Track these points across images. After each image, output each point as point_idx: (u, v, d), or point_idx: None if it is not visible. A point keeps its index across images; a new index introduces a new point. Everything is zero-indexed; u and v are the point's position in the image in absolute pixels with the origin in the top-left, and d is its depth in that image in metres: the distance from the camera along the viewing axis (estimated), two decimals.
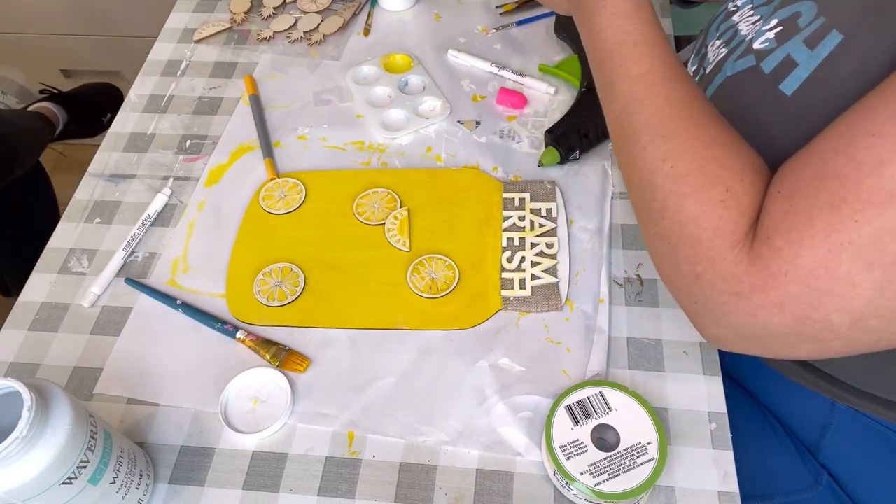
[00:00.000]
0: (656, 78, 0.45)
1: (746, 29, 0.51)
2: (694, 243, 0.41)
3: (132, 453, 0.50)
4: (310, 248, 0.66)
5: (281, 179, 0.71)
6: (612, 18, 0.47)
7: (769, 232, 0.38)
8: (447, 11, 0.88)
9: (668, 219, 0.43)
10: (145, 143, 0.77)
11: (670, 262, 0.44)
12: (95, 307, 0.64)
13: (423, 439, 0.55)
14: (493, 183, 0.70)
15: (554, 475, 0.51)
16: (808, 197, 0.37)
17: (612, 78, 0.47)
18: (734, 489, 0.51)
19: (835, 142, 0.37)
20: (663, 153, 0.43)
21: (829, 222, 0.35)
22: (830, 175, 0.36)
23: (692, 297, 0.42)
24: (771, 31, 0.47)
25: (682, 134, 0.43)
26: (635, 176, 0.46)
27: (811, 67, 0.42)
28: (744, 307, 0.39)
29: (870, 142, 0.35)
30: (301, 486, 0.53)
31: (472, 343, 0.59)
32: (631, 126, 0.45)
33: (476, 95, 0.78)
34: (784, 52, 0.45)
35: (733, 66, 0.49)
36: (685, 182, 0.42)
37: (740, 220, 0.40)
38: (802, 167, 0.38)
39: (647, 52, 0.46)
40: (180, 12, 0.91)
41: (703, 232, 0.41)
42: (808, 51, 0.43)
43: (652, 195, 0.44)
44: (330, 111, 0.78)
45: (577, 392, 0.52)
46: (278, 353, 0.59)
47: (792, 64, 0.44)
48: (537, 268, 0.63)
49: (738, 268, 0.39)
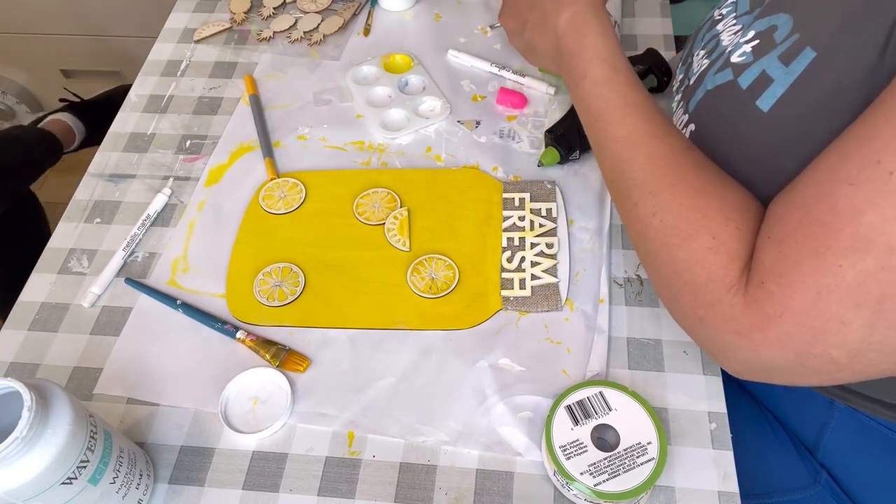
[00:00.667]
0: (638, 137, 0.49)
1: (728, 39, 0.52)
2: (692, 289, 0.44)
3: (132, 453, 0.50)
4: (310, 248, 0.66)
5: (281, 179, 0.71)
6: (593, 87, 0.52)
7: (762, 277, 0.40)
8: (447, 11, 0.88)
9: (664, 269, 0.46)
10: (145, 143, 0.77)
11: (675, 308, 0.47)
12: (95, 307, 0.64)
13: (423, 439, 0.55)
14: (493, 183, 0.70)
15: (554, 475, 0.51)
16: (795, 244, 0.39)
17: (600, 141, 0.51)
18: (734, 489, 0.51)
19: (816, 188, 0.39)
20: (652, 208, 0.46)
21: (815, 268, 0.38)
22: (814, 222, 0.38)
23: (700, 337, 0.45)
24: (748, 45, 0.48)
25: (667, 189, 0.46)
26: (632, 229, 0.49)
27: (786, 84, 0.44)
28: (746, 345, 0.41)
29: (847, 190, 0.37)
30: (301, 486, 0.53)
31: (472, 343, 0.59)
32: (622, 184, 0.49)
33: (476, 95, 0.78)
34: (760, 67, 0.46)
35: (713, 80, 0.51)
36: (674, 234, 0.45)
37: (730, 265, 0.42)
38: (789, 213, 0.40)
39: (629, 114, 0.50)
40: (180, 12, 0.91)
41: (697, 279, 0.43)
42: (783, 67, 0.44)
43: (648, 247, 0.47)
44: (330, 111, 0.78)
45: (577, 392, 0.52)
46: (278, 353, 0.59)
47: (768, 80, 0.45)
48: (537, 268, 0.63)
49: (735, 310, 0.41)
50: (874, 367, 0.39)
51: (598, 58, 0.52)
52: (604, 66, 0.52)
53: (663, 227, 0.45)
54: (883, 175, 0.35)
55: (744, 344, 0.41)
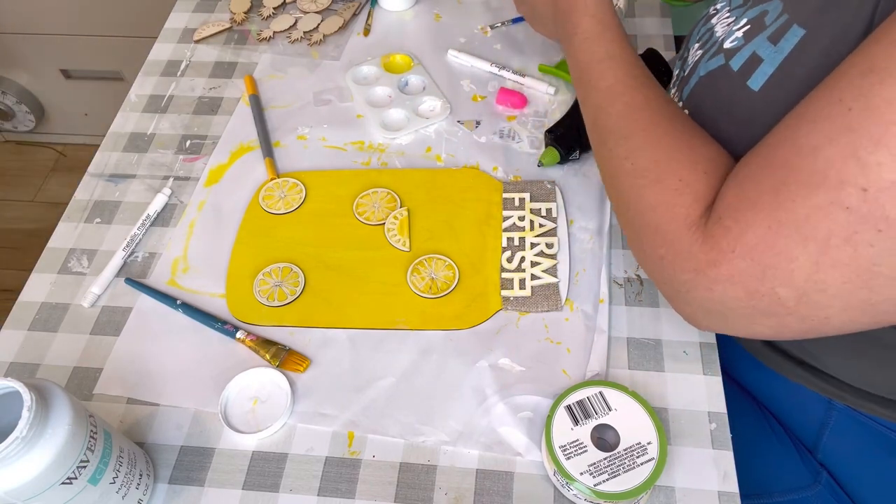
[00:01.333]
0: (618, 88, 0.51)
1: (721, 30, 0.52)
2: (654, 229, 0.45)
3: (132, 453, 0.50)
4: (310, 248, 0.66)
5: (281, 179, 0.71)
6: (581, 42, 0.54)
7: (720, 213, 0.41)
8: (447, 11, 0.88)
9: (631, 210, 0.48)
10: (145, 143, 0.77)
11: (639, 249, 0.48)
12: (95, 307, 0.64)
13: (423, 439, 0.55)
14: (493, 183, 0.70)
15: (554, 475, 0.51)
16: (756, 182, 0.40)
17: (584, 93, 0.54)
18: (734, 489, 0.51)
19: (784, 130, 0.40)
20: (624, 152, 0.48)
21: (771, 203, 0.38)
22: (776, 162, 0.39)
23: (661, 278, 0.46)
24: (740, 31, 0.49)
25: (640, 134, 0.48)
26: (606, 174, 0.51)
27: (776, 63, 0.44)
28: (701, 282, 0.42)
29: (808, 128, 0.38)
30: (301, 486, 0.53)
31: (472, 343, 0.59)
32: (600, 132, 0.52)
33: (476, 95, 0.78)
34: (750, 49, 0.46)
35: (706, 66, 0.51)
36: (643, 176, 0.47)
37: (693, 205, 0.44)
38: (755, 156, 0.41)
39: (611, 66, 0.52)
40: (180, 12, 0.91)
41: (660, 217, 0.45)
42: (772, 46, 0.45)
43: (618, 190, 0.49)
44: (330, 111, 0.78)
45: (577, 392, 0.52)
46: (278, 353, 0.59)
47: (758, 60, 0.46)
48: (537, 268, 0.63)
49: (693, 246, 0.42)
50: (820, 311, 0.39)
51: (587, 14, 0.55)
52: (592, 21, 0.54)
53: (634, 169, 0.47)
54: (842, 111, 0.36)
55: (699, 281, 0.42)
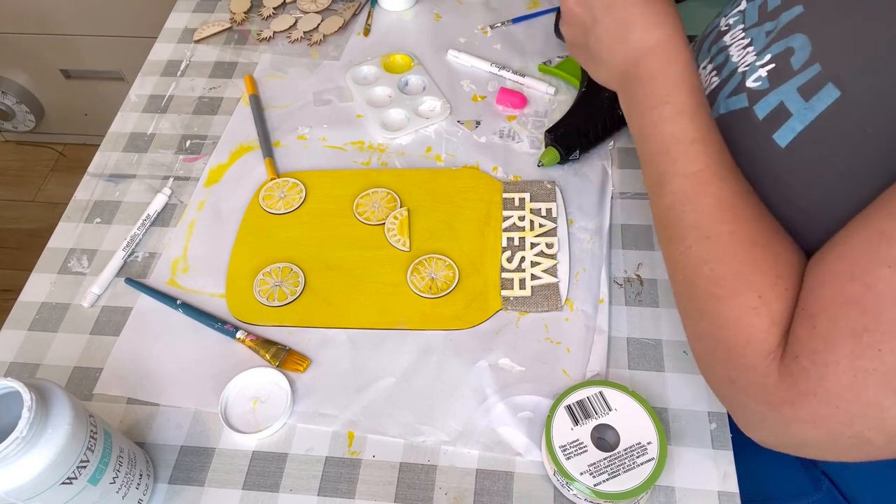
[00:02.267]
0: (707, 177, 0.45)
1: (737, 55, 0.50)
2: (727, 348, 0.42)
3: (132, 453, 0.50)
4: (310, 248, 0.66)
5: (281, 179, 0.71)
6: (674, 115, 0.47)
7: (796, 350, 0.39)
8: (447, 11, 0.88)
9: (704, 321, 0.44)
10: (145, 143, 0.77)
11: (707, 363, 0.45)
12: (95, 307, 0.64)
13: (423, 439, 0.55)
14: (493, 183, 0.70)
15: (554, 475, 0.51)
16: (828, 321, 0.37)
17: (665, 172, 0.47)
18: (734, 489, 0.51)
19: (850, 265, 0.37)
20: (705, 255, 0.44)
21: (852, 349, 0.36)
22: (850, 301, 0.37)
23: (729, 400, 0.44)
24: (763, 69, 0.46)
25: (726, 237, 0.43)
26: (678, 273, 0.46)
27: (806, 121, 0.42)
28: (777, 417, 0.40)
29: (886, 273, 0.35)
30: (301, 486, 0.53)
31: (472, 343, 0.59)
32: (679, 224, 0.46)
33: (476, 95, 0.78)
34: (777, 97, 0.44)
35: (726, 104, 0.49)
36: (721, 286, 0.42)
37: (771, 330, 0.40)
38: (821, 287, 0.39)
39: (703, 150, 0.45)
40: (180, 12, 0.91)
41: (735, 338, 0.41)
42: (803, 102, 0.43)
43: (692, 295, 0.45)
44: (330, 111, 0.78)
45: (576, 392, 0.52)
46: (278, 353, 0.59)
47: (786, 114, 0.44)
48: (537, 268, 0.63)
49: (768, 379, 0.40)
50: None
51: (685, 85, 0.47)
52: (692, 96, 0.47)
53: (713, 276, 0.43)
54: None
55: (774, 416, 0.40)
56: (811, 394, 0.37)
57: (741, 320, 0.41)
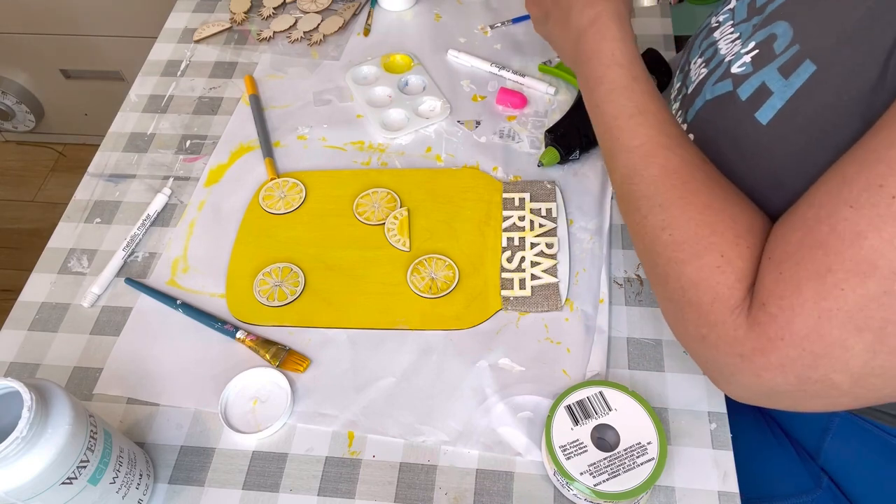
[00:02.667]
0: (651, 148, 0.47)
1: (725, 48, 0.51)
2: (696, 307, 0.43)
3: (132, 453, 0.50)
4: (310, 248, 0.66)
5: (281, 179, 0.71)
6: (608, 93, 0.50)
7: (763, 298, 0.40)
8: (447, 11, 0.88)
9: (670, 284, 0.45)
10: (145, 143, 0.77)
11: (678, 323, 0.46)
12: (95, 307, 0.64)
13: (423, 439, 0.55)
14: (493, 183, 0.70)
15: (554, 475, 0.51)
16: (795, 265, 0.38)
17: (613, 150, 0.50)
18: (734, 489, 0.51)
19: (817, 209, 0.39)
20: (661, 222, 0.45)
21: (816, 291, 0.37)
22: (815, 244, 0.38)
23: (702, 358, 0.44)
24: (748, 55, 0.47)
25: (677, 202, 0.45)
26: (640, 242, 0.48)
27: (785, 97, 0.43)
28: (748, 368, 0.40)
29: (848, 213, 0.36)
30: (301, 486, 0.53)
31: (472, 343, 0.59)
32: (632, 196, 0.48)
33: (476, 95, 0.78)
34: (759, 79, 0.45)
35: (712, 90, 0.50)
36: (682, 249, 0.44)
37: (736, 285, 0.42)
38: (790, 233, 0.40)
39: (643, 122, 0.48)
40: (180, 12, 0.91)
41: (702, 297, 0.42)
42: (783, 80, 0.44)
43: (654, 261, 0.46)
44: (330, 111, 0.78)
45: (576, 392, 0.52)
46: (278, 353, 0.59)
47: (767, 92, 0.45)
48: (537, 268, 0.63)
49: (738, 331, 0.41)
50: (876, 392, 0.39)
51: (615, 63, 0.50)
52: (621, 71, 0.50)
53: (672, 241, 0.44)
54: (885, 199, 0.35)
55: (746, 367, 0.40)
56: (779, 339, 0.38)
57: (706, 280, 0.42)
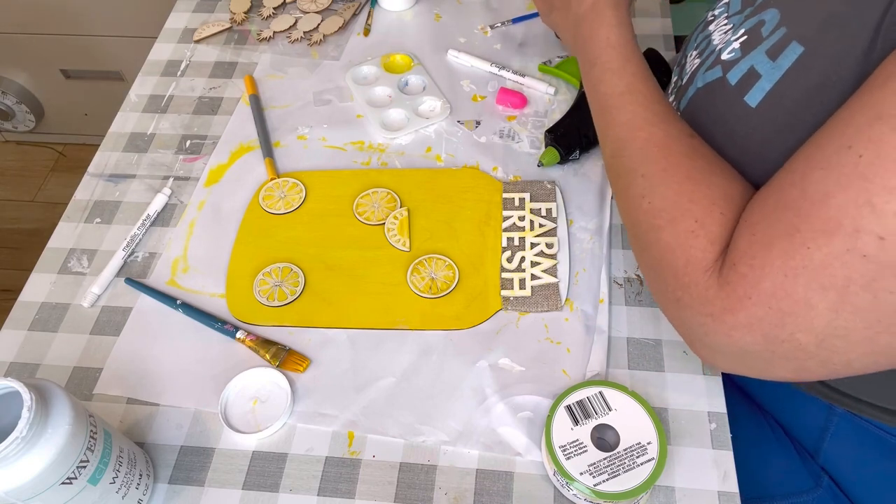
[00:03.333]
0: (637, 123, 0.50)
1: (718, 38, 0.52)
2: (672, 271, 0.45)
3: (132, 453, 0.50)
4: (310, 248, 0.66)
5: (281, 179, 0.71)
6: (602, 73, 0.53)
7: (735, 258, 0.41)
8: (447, 11, 0.88)
9: (649, 250, 0.47)
10: (145, 143, 0.77)
11: (657, 289, 0.48)
12: (95, 307, 0.64)
13: (423, 439, 0.55)
14: (493, 183, 0.70)
15: (554, 475, 0.51)
16: (768, 227, 0.39)
17: (603, 126, 0.53)
18: (734, 489, 0.51)
19: (791, 173, 0.40)
20: (641, 191, 0.48)
21: (784, 250, 0.38)
22: (786, 206, 0.39)
23: (678, 320, 0.46)
24: (737, 41, 0.48)
25: (658, 174, 0.47)
26: (623, 212, 0.51)
27: (774, 79, 0.44)
28: (719, 328, 0.42)
29: (819, 175, 0.37)
30: (301, 486, 0.53)
31: (472, 343, 0.59)
32: (618, 168, 0.51)
33: (476, 95, 0.78)
34: (748, 63, 0.46)
35: (703, 78, 0.51)
36: (659, 216, 0.46)
37: (709, 248, 0.43)
38: (765, 198, 0.41)
39: (631, 100, 0.51)
40: (180, 12, 0.91)
41: (677, 260, 0.44)
42: (770, 62, 0.44)
43: (636, 229, 0.49)
44: (330, 111, 0.78)
45: (576, 392, 0.52)
46: (278, 353, 0.59)
47: (755, 75, 0.45)
48: (537, 268, 0.63)
49: (709, 291, 0.42)
50: (841, 355, 0.39)
51: (609, 45, 0.54)
52: (613, 53, 0.53)
53: (651, 209, 0.47)
54: (853, 159, 0.36)
55: (716, 327, 0.41)
56: (747, 297, 0.39)
57: (681, 244, 0.44)
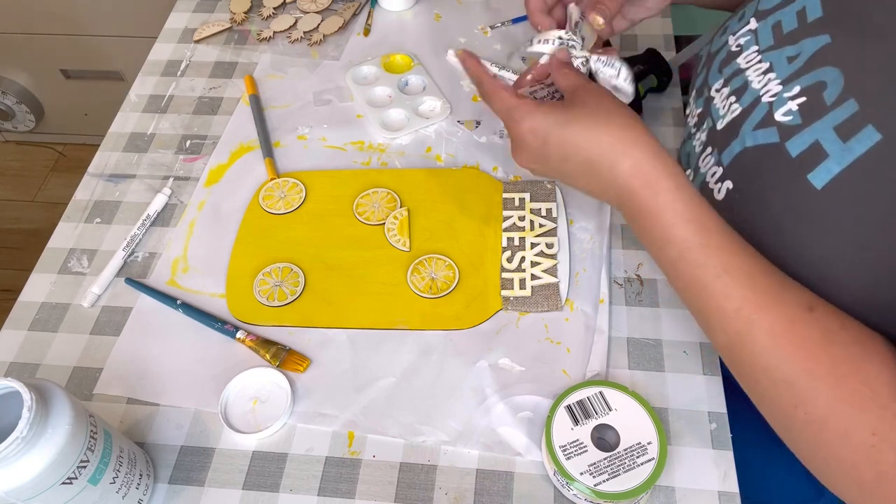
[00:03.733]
0: (751, 312, 0.42)
1: (758, 81, 0.48)
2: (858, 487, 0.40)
3: (132, 453, 0.50)
4: (310, 248, 0.66)
5: (281, 179, 0.71)
6: (682, 253, 0.44)
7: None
8: (447, 11, 0.88)
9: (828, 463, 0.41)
10: (145, 143, 0.77)
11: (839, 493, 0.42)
12: (95, 307, 0.64)
13: (423, 439, 0.55)
14: (493, 183, 0.70)
15: (554, 475, 0.51)
16: None
17: (705, 312, 0.45)
18: (734, 489, 0.51)
19: None
20: (791, 399, 0.41)
21: None
22: None
23: None
24: (793, 102, 0.44)
25: (802, 376, 0.40)
26: (772, 418, 0.44)
27: (843, 163, 0.40)
28: None
29: None
30: (301, 486, 0.53)
31: (472, 343, 0.59)
32: (745, 364, 0.43)
33: (476, 95, 0.78)
34: (812, 135, 0.42)
35: (753, 137, 0.46)
36: (826, 430, 0.40)
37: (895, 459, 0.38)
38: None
39: (733, 283, 0.42)
40: (180, 12, 0.91)
41: (863, 476, 0.39)
42: (841, 143, 0.40)
43: (797, 440, 0.42)
44: (330, 111, 0.78)
45: (577, 392, 0.52)
46: (278, 353, 0.59)
47: (822, 153, 0.41)
48: (537, 268, 0.63)
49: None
50: None
51: (682, 220, 0.44)
52: (690, 227, 0.44)
53: (810, 420, 0.40)
54: None
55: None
56: None
57: (864, 460, 0.38)
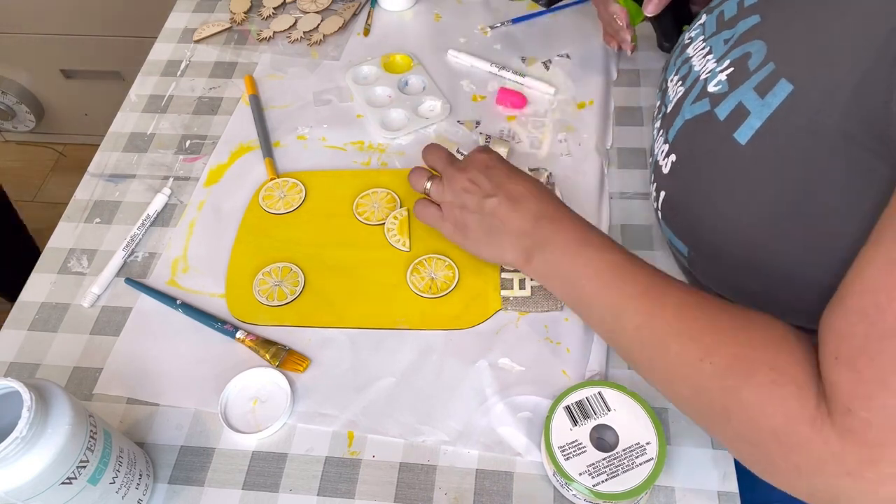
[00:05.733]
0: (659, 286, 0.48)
1: (699, 64, 0.51)
2: (771, 434, 0.40)
3: (132, 453, 0.50)
4: (310, 248, 0.66)
5: (281, 179, 0.71)
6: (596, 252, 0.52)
7: (846, 402, 0.36)
8: (447, 11, 0.88)
9: (730, 419, 0.42)
10: (145, 143, 0.77)
11: (759, 463, 0.42)
12: (95, 307, 0.64)
13: (423, 439, 0.55)
14: None
15: (553, 475, 0.51)
16: (871, 360, 0.36)
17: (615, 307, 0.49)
18: (734, 489, 0.51)
19: (874, 296, 0.36)
20: (698, 353, 0.43)
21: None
22: (885, 334, 0.35)
23: (805, 489, 0.40)
24: (723, 73, 0.47)
25: (707, 331, 0.44)
26: (679, 385, 0.45)
27: (763, 117, 0.43)
28: (864, 486, 0.37)
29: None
30: (301, 486, 0.53)
31: (471, 343, 0.59)
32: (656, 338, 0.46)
33: (476, 95, 0.78)
34: (736, 98, 0.45)
35: (691, 110, 0.50)
36: (730, 375, 0.41)
37: (801, 394, 0.39)
38: (850, 326, 0.37)
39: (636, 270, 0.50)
40: (180, 12, 0.91)
41: (773, 419, 0.39)
42: (759, 99, 0.44)
43: (707, 399, 0.43)
44: (330, 111, 0.78)
45: (576, 392, 0.52)
46: (278, 353, 0.59)
47: (744, 112, 0.44)
48: None
49: (832, 447, 0.37)
50: None
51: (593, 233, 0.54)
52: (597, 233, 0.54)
53: (716, 369, 0.42)
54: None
55: (860, 486, 0.36)
56: (882, 444, 0.35)
57: (769, 398, 0.40)
